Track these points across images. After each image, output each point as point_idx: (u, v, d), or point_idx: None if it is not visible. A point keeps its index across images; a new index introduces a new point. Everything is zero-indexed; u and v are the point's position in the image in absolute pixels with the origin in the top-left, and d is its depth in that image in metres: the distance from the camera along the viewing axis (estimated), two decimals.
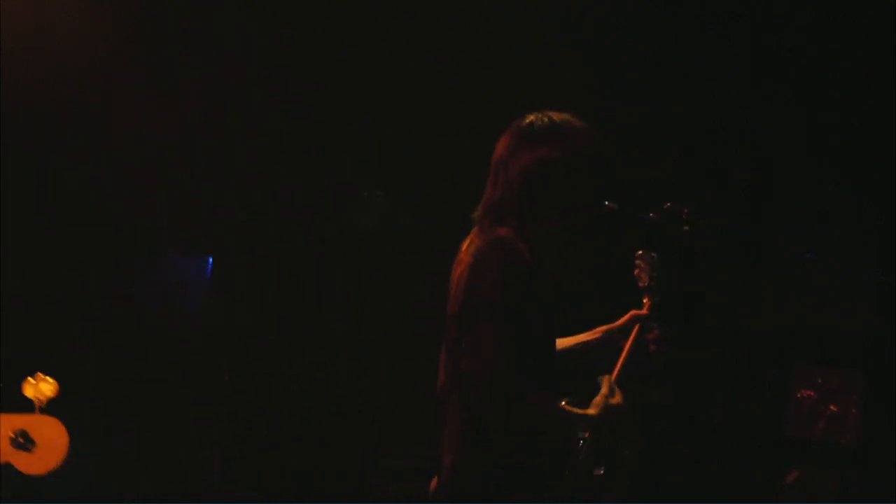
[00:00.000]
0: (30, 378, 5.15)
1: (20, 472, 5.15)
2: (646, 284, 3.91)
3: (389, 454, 6.50)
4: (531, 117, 3.76)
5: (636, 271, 3.93)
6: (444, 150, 6.32)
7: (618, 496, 3.70)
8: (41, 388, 5.14)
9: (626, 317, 3.93)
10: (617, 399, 3.67)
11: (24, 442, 5.15)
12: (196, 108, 6.36)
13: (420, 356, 4.07)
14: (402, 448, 6.34)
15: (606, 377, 3.73)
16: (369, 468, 6.53)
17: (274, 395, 6.70)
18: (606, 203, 3.74)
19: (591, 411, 3.61)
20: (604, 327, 3.98)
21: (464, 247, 3.75)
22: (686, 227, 3.74)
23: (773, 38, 6.14)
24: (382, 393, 6.66)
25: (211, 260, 6.65)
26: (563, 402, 3.69)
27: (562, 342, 3.95)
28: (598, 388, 3.70)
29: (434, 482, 3.75)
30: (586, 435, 3.71)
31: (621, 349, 3.90)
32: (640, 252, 3.93)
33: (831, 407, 5.87)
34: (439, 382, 3.76)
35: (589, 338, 4.00)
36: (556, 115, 3.75)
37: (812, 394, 5.90)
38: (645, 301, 3.92)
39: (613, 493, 3.70)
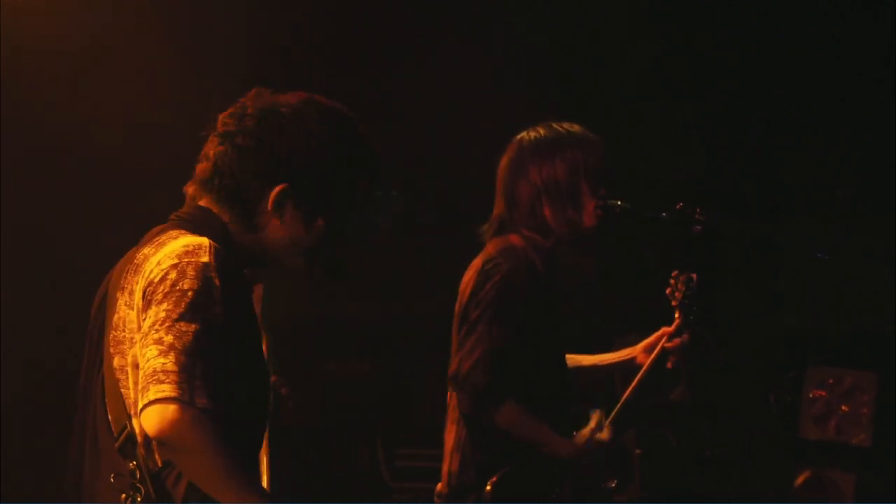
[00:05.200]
0: None
1: None
2: (678, 303, 3.95)
3: (406, 455, 6.51)
4: (530, 131, 3.80)
5: (668, 290, 3.97)
6: (461, 149, 6.33)
7: (630, 496, 3.74)
8: None
9: (655, 335, 3.97)
10: (605, 435, 3.71)
11: None
12: (207, 101, 6.32)
13: (437, 356, 4.10)
14: (419, 448, 6.35)
15: (597, 412, 3.79)
16: (386, 469, 6.54)
17: (289, 395, 6.70)
18: (619, 203, 3.77)
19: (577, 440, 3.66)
20: (628, 348, 4.03)
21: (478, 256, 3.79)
22: (698, 227, 3.77)
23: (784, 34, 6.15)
24: (399, 392, 6.68)
25: None
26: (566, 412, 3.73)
27: (582, 359, 3.99)
28: (587, 421, 3.77)
29: (439, 486, 3.79)
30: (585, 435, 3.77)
31: (642, 365, 3.95)
32: (677, 272, 3.97)
33: (843, 407, 5.88)
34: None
35: (612, 358, 4.04)
36: (555, 125, 3.78)
37: (824, 394, 5.92)
38: (676, 317, 3.96)
39: (625, 493, 3.74)
